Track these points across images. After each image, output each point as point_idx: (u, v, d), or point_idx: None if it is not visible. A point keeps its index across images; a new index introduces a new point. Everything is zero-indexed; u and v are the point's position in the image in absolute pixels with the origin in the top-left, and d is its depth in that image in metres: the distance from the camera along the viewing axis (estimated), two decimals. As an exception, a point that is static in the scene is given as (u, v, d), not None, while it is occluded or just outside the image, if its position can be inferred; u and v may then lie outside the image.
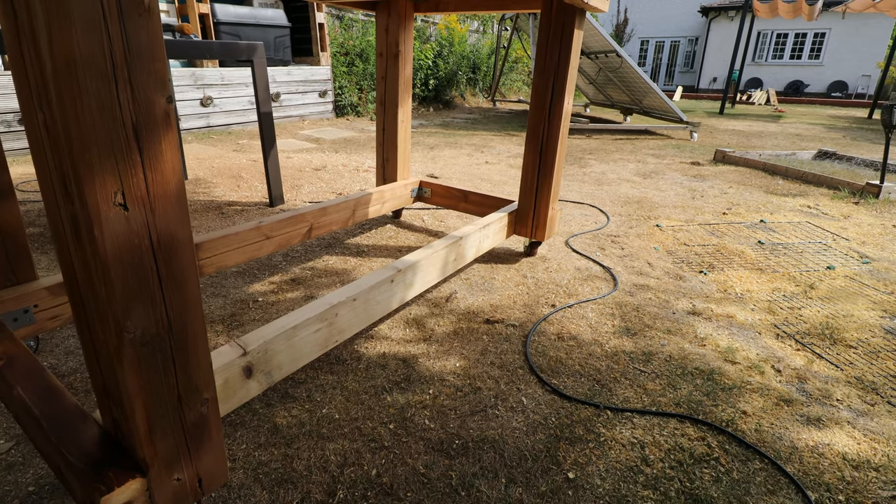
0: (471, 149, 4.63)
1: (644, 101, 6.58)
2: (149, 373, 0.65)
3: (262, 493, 0.93)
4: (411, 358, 1.36)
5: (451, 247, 1.60)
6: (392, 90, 2.23)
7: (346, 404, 1.17)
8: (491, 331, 1.51)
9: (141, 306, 0.62)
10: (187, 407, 0.72)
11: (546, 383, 1.27)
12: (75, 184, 0.55)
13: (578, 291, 1.80)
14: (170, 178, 0.62)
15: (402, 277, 1.39)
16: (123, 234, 0.59)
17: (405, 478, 0.97)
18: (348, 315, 1.22)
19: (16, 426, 1.08)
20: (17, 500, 0.91)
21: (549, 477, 0.99)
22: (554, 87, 1.79)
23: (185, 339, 0.69)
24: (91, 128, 0.54)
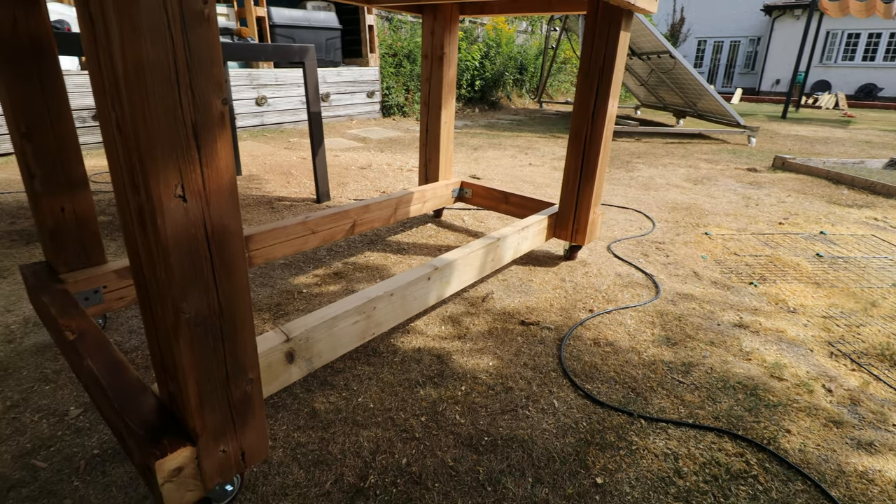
0: (515, 150, 4.62)
1: (698, 104, 6.33)
2: (201, 351, 0.71)
3: (299, 471, 0.98)
4: (446, 354, 1.39)
5: (489, 247, 1.62)
6: (436, 92, 2.27)
7: (380, 395, 1.21)
8: (526, 332, 1.51)
9: (195, 290, 0.68)
10: (234, 385, 0.77)
11: (579, 388, 1.26)
12: (142, 177, 0.61)
13: (618, 297, 1.77)
14: (223, 173, 0.67)
15: (439, 275, 1.41)
16: (182, 224, 0.64)
17: (434, 469, 1.00)
18: (385, 309, 1.26)
19: (84, 395, 1.18)
20: (83, 460, 1.00)
21: (577, 480, 0.99)
22: (598, 90, 1.77)
23: (234, 323, 0.74)
24: (156, 127, 0.59)
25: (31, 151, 1.15)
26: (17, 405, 1.14)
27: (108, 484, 0.95)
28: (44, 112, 1.14)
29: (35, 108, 1.13)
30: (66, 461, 1.00)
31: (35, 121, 1.13)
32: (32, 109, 1.12)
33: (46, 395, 1.18)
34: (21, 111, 1.11)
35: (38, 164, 1.16)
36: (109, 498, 0.92)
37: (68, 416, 1.12)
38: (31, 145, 1.14)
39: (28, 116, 1.12)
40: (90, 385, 0.94)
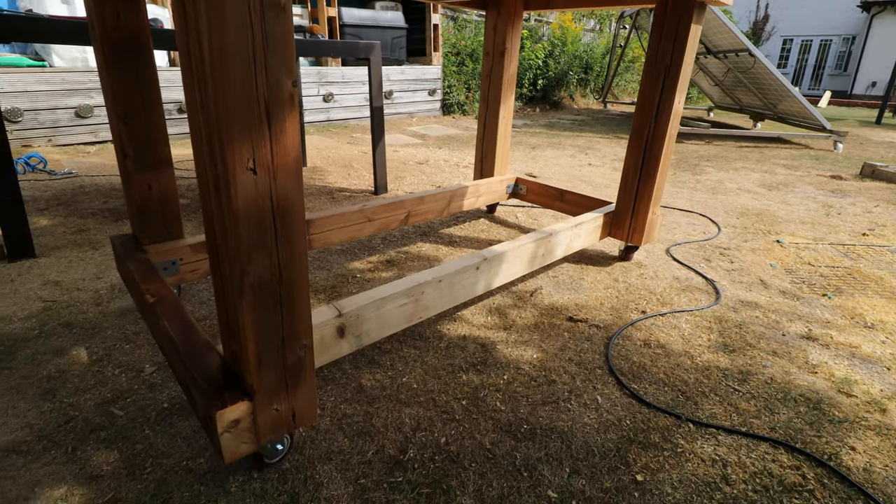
0: (574, 150, 4.53)
1: (779, 106, 5.91)
2: (262, 314, 0.77)
3: (343, 439, 1.04)
4: (490, 343, 1.40)
5: (540, 242, 1.61)
6: (496, 87, 2.28)
7: (424, 377, 1.25)
8: (573, 329, 1.50)
9: (259, 257, 0.74)
10: (288, 349, 0.83)
11: (625, 386, 1.24)
12: (220, 151, 0.67)
13: (673, 301, 1.70)
14: (290, 150, 0.72)
15: (487, 266, 1.43)
16: (251, 195, 0.70)
17: (471, 450, 1.02)
18: (433, 294, 1.29)
19: (158, 355, 1.30)
20: (154, 412, 1.11)
21: (616, 476, 0.97)
22: (664, 85, 1.72)
23: (292, 291, 0.80)
24: (234, 105, 0.65)
25: (126, 134, 1.28)
26: (101, 360, 1.28)
27: (174, 434, 1.05)
28: (138, 99, 1.27)
29: (131, 95, 1.26)
30: (139, 411, 1.11)
31: (131, 106, 1.26)
32: (129, 96, 1.25)
33: (126, 352, 1.31)
34: (120, 97, 1.24)
35: (131, 145, 1.29)
36: (175, 447, 1.02)
37: (144, 373, 1.24)
38: (127, 128, 1.28)
39: (125, 102, 1.25)
40: (164, 343, 1.04)
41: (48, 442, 1.02)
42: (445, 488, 0.93)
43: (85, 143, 3.90)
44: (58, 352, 1.30)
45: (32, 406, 1.12)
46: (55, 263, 1.79)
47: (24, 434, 1.04)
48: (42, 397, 1.15)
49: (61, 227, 2.13)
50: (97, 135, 3.97)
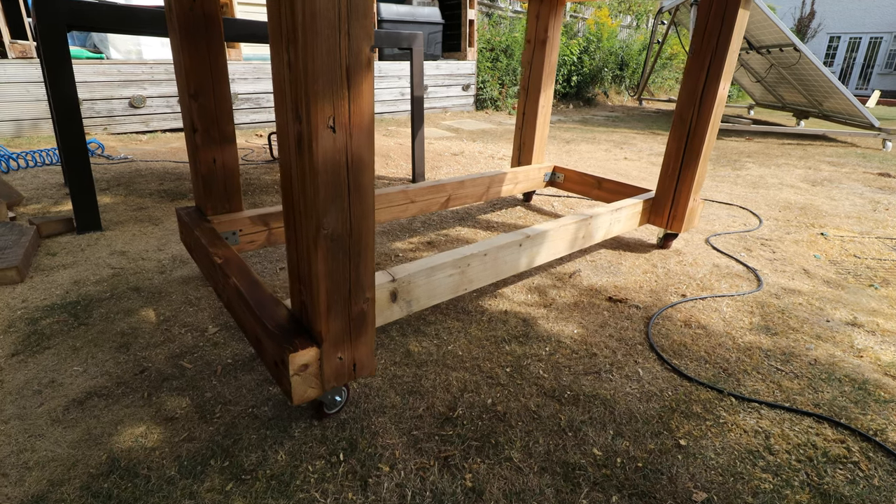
0: (609, 145, 4.50)
1: (825, 104, 5.71)
2: (333, 263, 0.84)
3: (395, 396, 1.10)
4: (531, 319, 1.44)
5: (581, 223, 1.64)
6: (536, 76, 2.31)
7: (468, 346, 1.30)
8: (613, 308, 1.52)
9: (334, 209, 0.80)
10: (353, 300, 0.89)
11: (666, 361, 1.26)
12: (305, 108, 0.74)
13: (714, 286, 1.70)
14: (365, 111, 0.78)
15: (530, 243, 1.47)
16: (330, 151, 0.77)
17: (517, 411, 1.06)
18: (478, 267, 1.34)
19: (220, 317, 1.39)
20: (220, 366, 1.20)
21: (659, 440, 1.00)
22: (709, 70, 1.72)
23: (360, 243, 0.86)
24: (321, 65, 0.72)
25: (196, 109, 1.37)
26: (168, 320, 1.38)
27: (239, 386, 1.13)
28: (208, 77, 1.36)
29: (202, 72, 1.35)
30: (206, 365, 1.20)
31: (201, 84, 1.36)
32: (200, 74, 1.35)
33: (190, 314, 1.41)
34: (192, 75, 1.34)
35: (199, 120, 1.38)
36: (240, 396, 1.10)
37: (207, 332, 1.33)
38: (197, 104, 1.37)
39: (196, 80, 1.35)
40: (232, 299, 1.12)
41: (126, 388, 1.12)
42: (494, 443, 0.98)
43: (137, 132, 4.10)
44: (128, 312, 1.41)
45: (109, 357, 1.22)
46: (120, 236, 1.92)
47: (104, 380, 1.14)
48: (117, 350, 1.25)
49: (122, 205, 2.27)
50: (148, 124, 4.17)
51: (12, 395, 1.08)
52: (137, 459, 0.92)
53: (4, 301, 1.44)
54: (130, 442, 0.96)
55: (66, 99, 1.75)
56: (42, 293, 1.48)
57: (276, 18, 0.76)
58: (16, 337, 1.28)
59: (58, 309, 1.41)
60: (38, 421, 1.01)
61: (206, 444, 0.96)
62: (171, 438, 0.97)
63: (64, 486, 0.87)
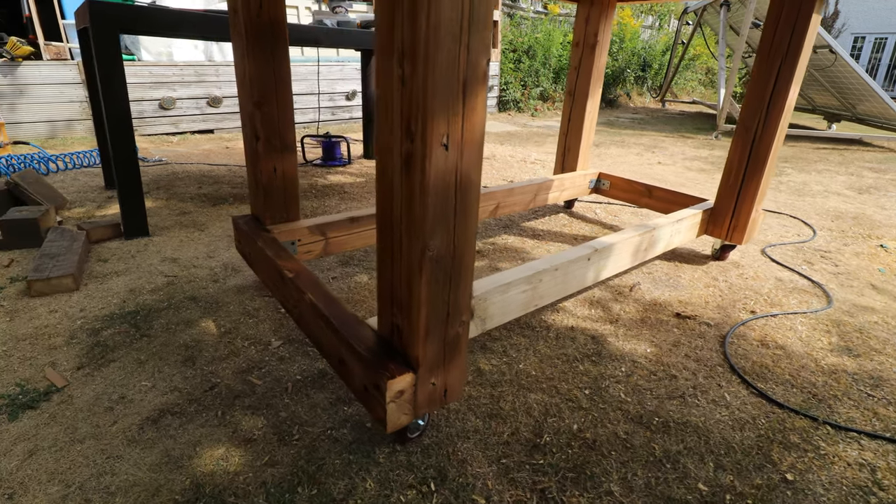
0: (640, 148, 4.42)
1: (859, 107, 5.57)
2: (435, 287, 0.79)
3: (475, 420, 1.05)
4: (600, 336, 1.39)
5: (644, 235, 1.58)
6: (584, 80, 2.25)
7: (540, 365, 1.25)
8: (682, 325, 1.46)
9: (441, 231, 0.76)
10: (450, 324, 0.85)
11: (751, 385, 1.20)
12: (421, 124, 0.69)
13: (782, 302, 1.64)
14: (477, 127, 0.74)
15: (598, 257, 1.42)
16: (441, 170, 0.72)
17: (607, 438, 1.01)
18: (549, 283, 1.29)
19: (281, 329, 1.36)
20: (290, 383, 1.16)
21: (764, 473, 0.95)
22: (779, 75, 1.65)
23: (461, 266, 0.82)
24: (440, 80, 0.67)
25: (260, 118, 1.34)
26: (229, 332, 1.35)
27: (312, 405, 1.09)
28: (272, 85, 1.33)
29: (266, 81, 1.32)
30: (275, 382, 1.17)
31: (265, 92, 1.32)
32: (265, 82, 1.31)
33: (251, 326, 1.38)
34: (256, 82, 1.30)
35: (262, 128, 1.35)
36: (316, 417, 1.06)
37: (271, 346, 1.30)
38: (260, 113, 1.34)
39: (261, 87, 1.31)
40: (307, 315, 1.08)
41: (198, 405, 1.09)
42: (589, 474, 0.93)
43: (167, 133, 4.11)
44: (188, 323, 1.38)
45: (176, 371, 1.19)
46: (168, 242, 1.90)
47: (175, 397, 1.11)
48: (183, 364, 1.22)
49: (165, 210, 2.26)
50: (178, 126, 4.18)
51: (84, 412, 1.06)
52: (222, 486, 0.89)
53: (63, 311, 1.42)
54: (212, 465, 0.93)
55: (117, 102, 1.73)
56: (99, 302, 1.46)
57: (388, 31, 0.71)
58: (79, 349, 1.26)
59: (117, 319, 1.38)
60: (114, 441, 0.98)
61: (290, 470, 0.92)
62: (252, 462, 0.94)
63: (149, 512, 0.83)
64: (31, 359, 1.21)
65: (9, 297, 1.47)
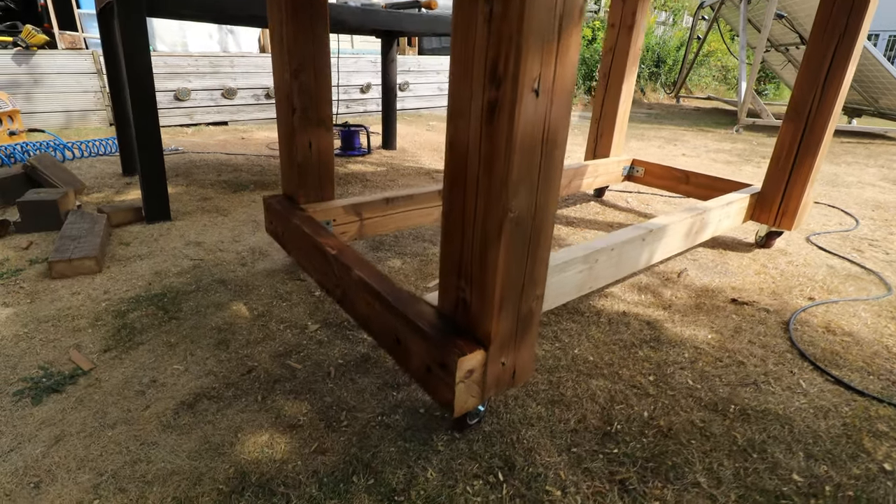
0: (660, 141, 4.33)
1: (881, 101, 5.45)
2: (513, 254, 0.71)
3: (537, 407, 0.97)
4: (655, 321, 1.31)
5: (695, 217, 1.50)
6: (619, 63, 2.17)
7: (596, 350, 1.17)
8: (740, 311, 1.38)
9: (524, 190, 0.68)
10: (525, 297, 0.77)
11: (826, 372, 1.12)
12: (510, 68, 0.61)
13: (839, 289, 1.55)
14: (569, 72, 0.66)
15: (652, 238, 1.34)
16: (530, 120, 0.64)
17: (682, 427, 0.93)
18: (605, 264, 1.21)
19: (316, 312, 1.29)
20: (332, 367, 1.09)
21: (860, 463, 0.86)
22: (836, 52, 1.56)
23: (540, 231, 0.74)
24: (536, 14, 0.59)
25: (297, 88, 1.26)
26: (263, 315, 1.28)
27: (358, 390, 1.02)
28: (310, 55, 1.25)
29: (304, 50, 1.24)
30: (316, 366, 1.09)
31: (303, 61, 1.25)
32: (303, 50, 1.24)
33: (284, 310, 1.30)
34: (294, 51, 1.23)
35: (299, 100, 1.28)
36: (364, 402, 0.98)
37: (308, 329, 1.22)
38: (297, 83, 1.26)
39: (299, 56, 1.24)
40: (354, 293, 1.01)
41: (236, 390, 1.01)
42: (671, 464, 0.85)
43: (182, 125, 4.05)
44: (219, 306, 1.31)
45: (210, 355, 1.12)
46: (191, 226, 1.83)
47: (210, 381, 1.03)
48: (216, 347, 1.14)
49: (186, 195, 2.19)
50: (192, 117, 4.12)
51: (113, 396, 0.98)
52: (269, 474, 0.81)
53: (86, 293, 1.35)
54: (256, 453, 0.86)
55: (142, 78, 1.66)
56: (124, 284, 1.39)
57: (472, -40, 0.64)
58: (105, 331, 1.19)
59: (144, 301, 1.31)
60: (148, 426, 0.91)
61: (342, 458, 0.85)
62: (300, 449, 0.86)
63: None
64: (55, 341, 1.14)
65: (29, 278, 1.41)
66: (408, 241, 1.78)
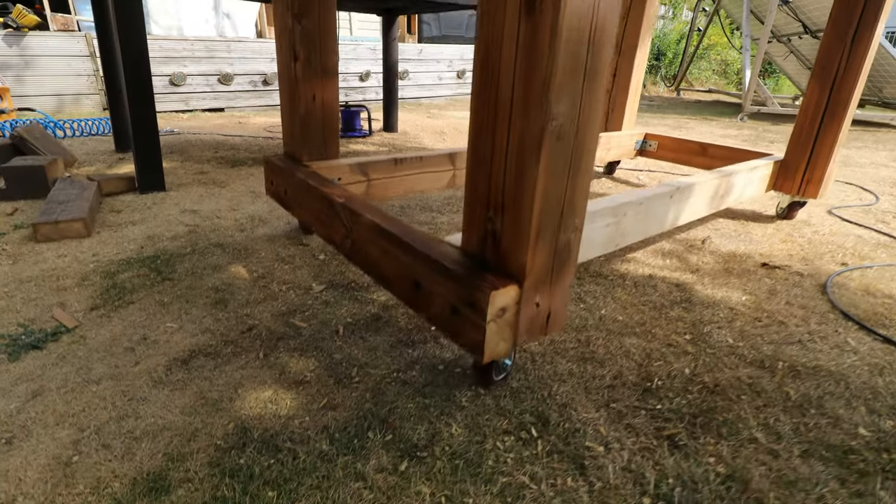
0: (665, 128, 4.26)
1: (885, 90, 5.40)
2: (553, 173, 0.63)
3: (567, 363, 0.89)
4: (683, 284, 1.22)
5: (721, 179, 1.42)
6: (633, 31, 2.09)
7: (624, 311, 1.09)
8: (772, 275, 1.30)
9: (568, 96, 0.60)
10: (563, 227, 0.68)
11: (873, 331, 1.03)
12: (556, -63, 0.53)
13: (871, 256, 1.47)
14: (619, -45, 0.57)
15: (679, 196, 1.25)
16: (577, 12, 0.56)
17: (729, 383, 0.85)
18: (632, 219, 1.13)
19: (322, 275, 1.20)
20: (340, 326, 1.00)
21: (930, 420, 0.78)
22: (865, 8, 1.48)
23: (582, 149, 0.65)
24: None
25: (299, 33, 1.17)
26: (263, 277, 1.19)
27: (370, 348, 0.93)
28: (314, -6, 1.17)
29: (308, -12, 1.15)
30: (322, 325, 1.00)
31: (306, 4, 1.16)
32: (306, -11, 1.15)
33: (286, 272, 1.21)
34: (297, -10, 1.14)
35: (301, 46, 1.19)
36: (377, 359, 0.89)
37: (313, 290, 1.13)
38: (300, 27, 1.17)
39: (302, -4, 1.15)
40: (365, 241, 0.92)
41: (235, 347, 0.92)
42: (721, 420, 0.76)
43: (177, 110, 3.95)
44: (216, 268, 1.22)
45: (206, 313, 1.03)
46: (186, 196, 1.73)
47: (207, 338, 0.94)
48: (213, 306, 1.05)
49: (181, 170, 2.10)
50: (188, 103, 4.01)
51: (99, 352, 0.89)
52: (273, 430, 0.72)
53: (73, 255, 1.25)
54: (258, 409, 0.77)
55: (135, 38, 1.57)
56: (114, 248, 1.30)
57: None
58: (92, 291, 1.09)
59: (135, 263, 1.22)
60: (137, 382, 0.82)
61: (355, 413, 0.76)
62: (308, 405, 0.77)
63: (187, 461, 0.67)
64: (37, 300, 1.05)
65: (12, 241, 1.31)
66: (414, 212, 1.70)
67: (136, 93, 1.62)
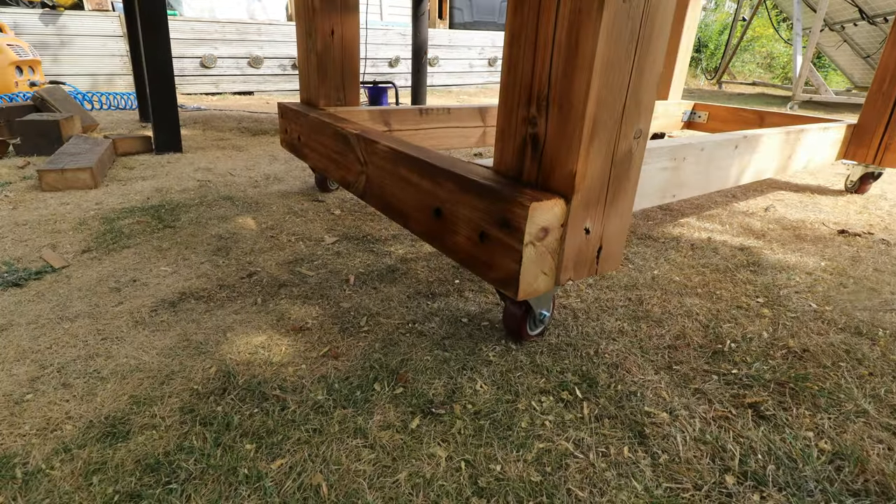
0: (710, 115, 4.00)
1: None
2: (615, 50, 0.49)
3: (615, 322, 0.74)
4: (748, 248, 1.05)
5: (790, 135, 1.24)
6: (683, -9, 1.90)
7: (681, 272, 0.93)
8: (852, 242, 1.11)
9: (640, -65, 0.45)
10: (624, 130, 0.54)
11: None
12: None
13: (969, 229, 1.26)
14: None
15: (745, 146, 1.08)
16: None
17: (821, 349, 0.68)
18: (692, 166, 0.97)
19: (336, 227, 1.08)
20: (351, 276, 0.87)
21: None
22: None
23: (652, 29, 0.51)
24: None
25: (317, -42, 1.06)
26: (272, 228, 1.08)
27: (384, 298, 0.80)
28: (333, -85, 1.05)
29: None
30: (332, 274, 0.88)
31: (325, -78, 1.05)
32: None
33: (297, 224, 1.10)
34: None
35: (320, -26, 1.07)
36: (390, 309, 0.77)
37: (324, 242, 1.02)
38: (318, -49, 1.06)
39: (320, -84, 1.04)
40: (382, 173, 0.79)
41: (231, 291, 0.81)
42: (817, 389, 0.60)
43: (206, 93, 3.94)
44: (222, 218, 1.12)
45: (206, 259, 0.92)
46: (202, 157, 1.65)
47: (202, 282, 0.84)
48: (214, 253, 0.95)
49: (201, 136, 2.03)
50: (218, 86, 4.00)
51: (82, 291, 0.79)
52: (262, 377, 0.60)
53: (75, 203, 1.18)
54: (247, 354, 0.65)
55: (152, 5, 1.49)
56: (119, 198, 1.22)
57: None
58: (87, 234, 1.01)
59: (138, 211, 1.13)
60: (116, 321, 0.71)
61: (360, 363, 0.63)
62: (305, 353, 0.65)
63: (155, 405, 0.56)
64: (28, 241, 0.97)
65: (17, 190, 1.25)
66: (440, 176, 1.57)
67: (151, 61, 1.54)
